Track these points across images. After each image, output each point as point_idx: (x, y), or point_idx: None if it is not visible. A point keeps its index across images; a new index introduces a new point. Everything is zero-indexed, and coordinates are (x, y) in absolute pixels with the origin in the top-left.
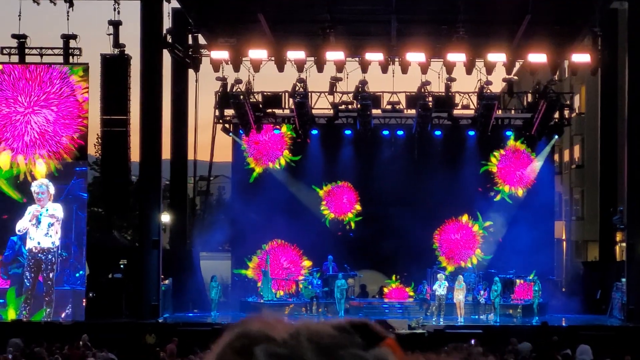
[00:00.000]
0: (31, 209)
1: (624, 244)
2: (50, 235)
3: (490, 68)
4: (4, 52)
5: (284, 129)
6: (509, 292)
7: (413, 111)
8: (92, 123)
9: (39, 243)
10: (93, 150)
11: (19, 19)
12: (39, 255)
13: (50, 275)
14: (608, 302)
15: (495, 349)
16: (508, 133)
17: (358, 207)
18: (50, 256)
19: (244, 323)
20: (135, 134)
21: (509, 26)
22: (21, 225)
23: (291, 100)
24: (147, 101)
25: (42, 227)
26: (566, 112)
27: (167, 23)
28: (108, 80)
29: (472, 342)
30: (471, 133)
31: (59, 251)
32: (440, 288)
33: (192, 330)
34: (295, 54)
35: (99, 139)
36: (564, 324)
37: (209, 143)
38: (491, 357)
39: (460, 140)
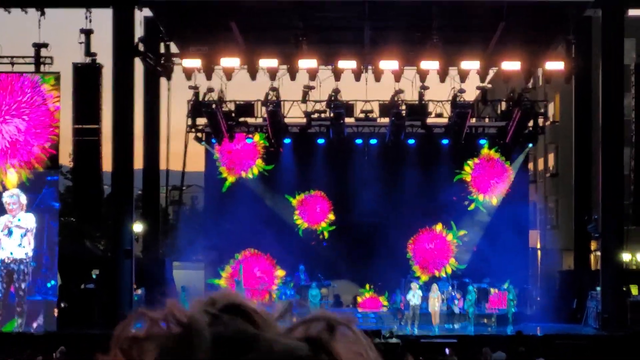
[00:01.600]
0: (3, 219)
1: (598, 253)
2: (24, 246)
3: (464, 76)
4: None
5: (257, 137)
6: (484, 301)
7: (386, 120)
8: (64, 132)
9: (11, 253)
10: (67, 159)
11: None
12: (12, 265)
13: (22, 285)
14: (583, 311)
15: (470, 358)
16: (482, 141)
17: (331, 216)
18: (22, 266)
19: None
20: (108, 143)
21: (483, 34)
22: None
23: (264, 108)
24: (119, 110)
25: (15, 238)
26: (540, 121)
27: (139, 31)
28: (80, 89)
29: (447, 351)
30: (445, 142)
31: (31, 261)
32: (414, 298)
33: None
34: (267, 62)
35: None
36: (538, 333)
37: (182, 152)
38: None
39: (434, 148)
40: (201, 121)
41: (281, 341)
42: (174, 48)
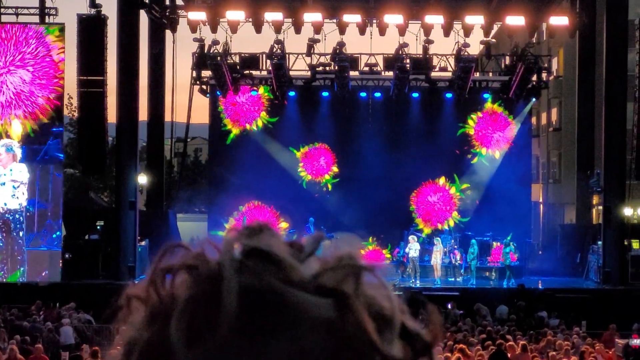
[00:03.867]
0: None
1: (600, 207)
2: (17, 197)
3: (468, 30)
4: None
5: (262, 90)
6: (486, 255)
7: (391, 73)
8: (68, 84)
9: (5, 204)
10: (66, 111)
11: None
12: (7, 215)
13: (20, 234)
14: (585, 265)
15: (473, 311)
16: (485, 95)
17: (335, 169)
18: (17, 215)
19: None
20: (113, 95)
21: None
22: None
23: (268, 61)
24: (124, 62)
25: (7, 188)
26: (544, 75)
27: None
28: (84, 40)
29: (450, 305)
30: (449, 95)
31: (29, 211)
32: (412, 251)
33: None
34: (272, 15)
35: (70, 100)
36: (540, 287)
37: (186, 104)
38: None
39: (438, 102)
40: (206, 73)
41: (308, 301)
42: (179, 0)
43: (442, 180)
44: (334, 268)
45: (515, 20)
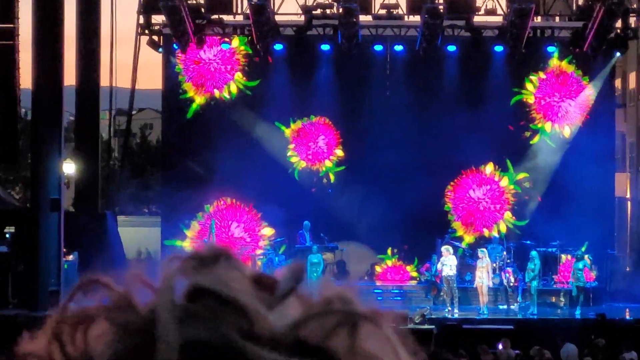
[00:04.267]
0: None
1: None
2: None
3: None
4: None
5: (236, 42)
6: (551, 273)
7: (417, 18)
8: None
9: None
10: None
11: None
12: None
13: None
14: None
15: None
16: (550, 49)
17: (340, 152)
18: None
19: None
20: (27, 52)
21: None
22: None
23: (245, 2)
24: (42, 5)
25: None
26: (632, 21)
27: None
28: None
29: (501, 345)
30: (498, 49)
31: None
32: (446, 267)
33: None
34: None
35: None
36: (627, 317)
37: (130, 63)
38: None
39: (483, 59)
40: (158, 19)
41: None
42: None
43: (489, 168)
44: (319, 315)
45: None
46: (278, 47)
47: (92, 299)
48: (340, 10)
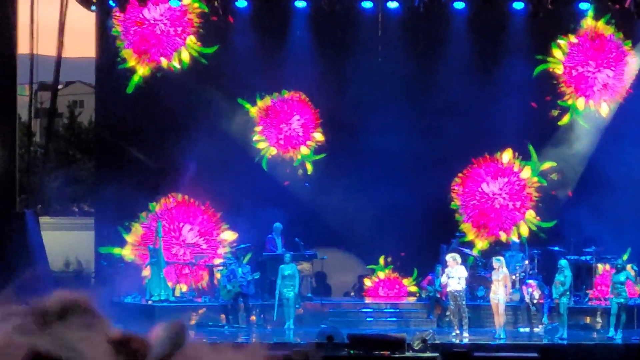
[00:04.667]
0: None
1: None
2: None
3: None
4: None
5: None
6: (585, 287)
7: None
8: None
9: None
10: None
11: None
12: None
13: None
14: None
15: None
16: (583, 6)
17: (319, 136)
18: None
19: None
20: None
21: None
22: None
23: None
24: None
25: None
26: None
27: None
28: None
29: None
30: (518, 6)
31: None
32: (453, 280)
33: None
34: None
35: None
36: None
37: (56, 25)
38: None
39: (499, 18)
40: None
41: None
42: None
43: (507, 156)
44: None
45: None
46: (241, 3)
47: None
48: None
